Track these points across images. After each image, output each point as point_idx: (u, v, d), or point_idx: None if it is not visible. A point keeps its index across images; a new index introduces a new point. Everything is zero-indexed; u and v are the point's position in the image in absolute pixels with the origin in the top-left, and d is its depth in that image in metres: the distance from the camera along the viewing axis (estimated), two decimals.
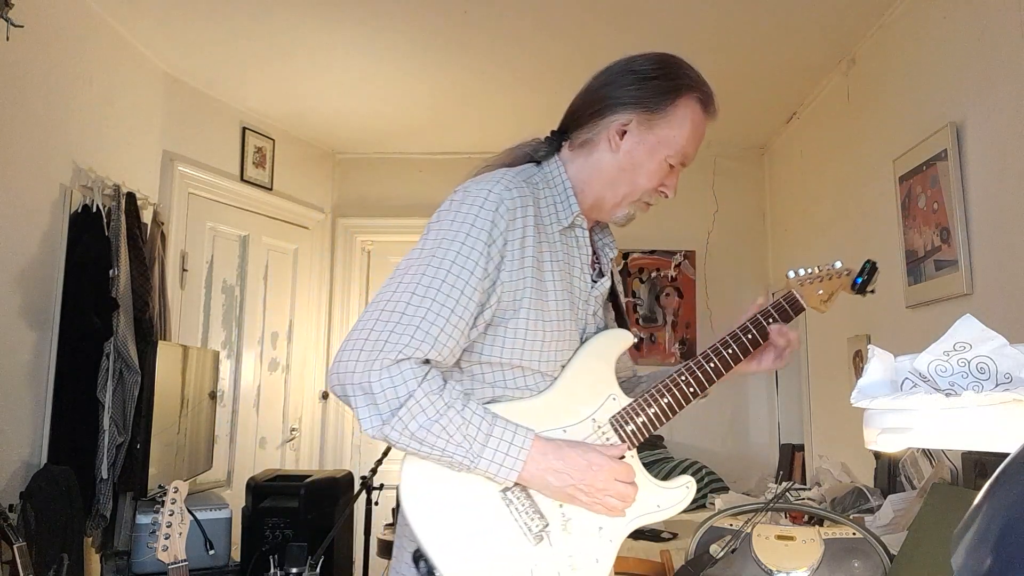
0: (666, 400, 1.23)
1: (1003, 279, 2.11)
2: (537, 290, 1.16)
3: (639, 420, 1.21)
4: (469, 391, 1.15)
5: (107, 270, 2.78)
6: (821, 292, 1.35)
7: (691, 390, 1.24)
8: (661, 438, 4.02)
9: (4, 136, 2.44)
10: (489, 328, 1.14)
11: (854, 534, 1.69)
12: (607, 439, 1.20)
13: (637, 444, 1.22)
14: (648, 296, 4.38)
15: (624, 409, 1.22)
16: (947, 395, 0.94)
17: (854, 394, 1.02)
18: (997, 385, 0.94)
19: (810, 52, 3.17)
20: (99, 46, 3.01)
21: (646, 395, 1.23)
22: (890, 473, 2.52)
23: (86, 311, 2.70)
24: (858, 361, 3.05)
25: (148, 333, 2.96)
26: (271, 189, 4.16)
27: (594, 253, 1.32)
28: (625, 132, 1.24)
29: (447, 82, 3.57)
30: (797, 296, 1.35)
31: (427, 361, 1.08)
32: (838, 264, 1.37)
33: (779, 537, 1.71)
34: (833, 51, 3.14)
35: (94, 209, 2.79)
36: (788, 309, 1.34)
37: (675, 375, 1.24)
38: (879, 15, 2.81)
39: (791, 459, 3.80)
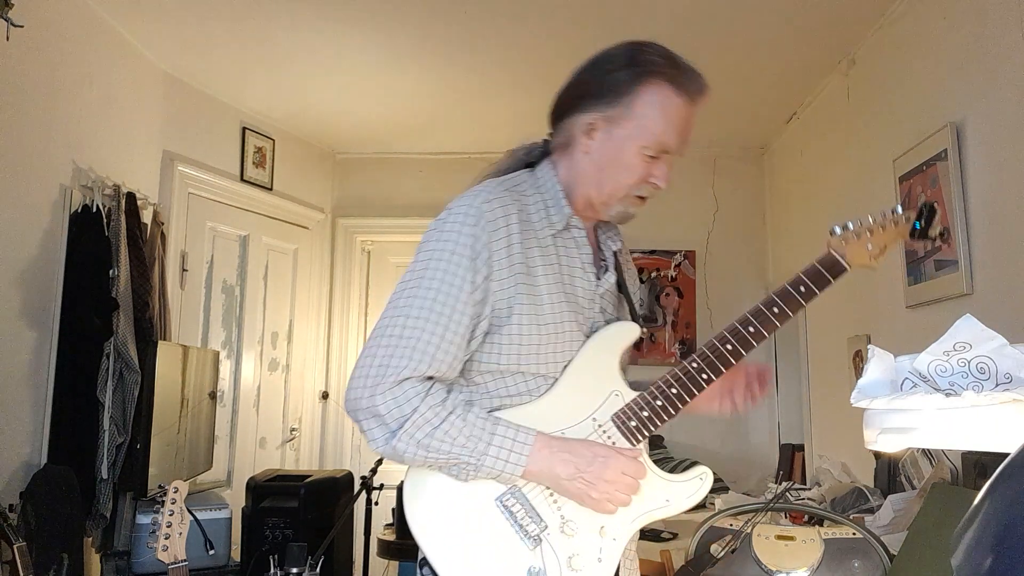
0: (675, 391, 1.18)
1: (1003, 279, 2.11)
2: (529, 295, 1.16)
3: (644, 415, 1.18)
4: (474, 400, 1.18)
5: (107, 270, 2.78)
6: (871, 247, 1.22)
7: (704, 376, 1.18)
8: (661, 438, 4.02)
9: (4, 136, 2.44)
10: (487, 337, 1.17)
11: (854, 534, 1.69)
12: (609, 437, 1.18)
13: (642, 439, 1.19)
14: (648, 296, 4.38)
15: (628, 404, 1.19)
16: (947, 395, 0.94)
17: (854, 394, 1.02)
18: (997, 385, 0.94)
19: (810, 52, 3.17)
20: (99, 46, 3.01)
21: (652, 388, 1.19)
22: (890, 473, 2.52)
23: (86, 311, 2.70)
24: (858, 361, 3.05)
25: (148, 333, 2.95)
26: (271, 189, 4.16)
27: (600, 250, 1.32)
28: (593, 130, 1.22)
29: (447, 82, 3.57)
30: (837, 256, 1.21)
31: (431, 378, 1.13)
32: (898, 209, 1.23)
33: (779, 537, 1.71)
34: (833, 51, 3.14)
35: (94, 209, 2.79)
36: (825, 273, 1.21)
37: (686, 363, 1.19)
38: (879, 15, 2.81)
39: (791, 459, 3.80)
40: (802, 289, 1.21)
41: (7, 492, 2.39)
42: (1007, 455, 0.56)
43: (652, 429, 1.19)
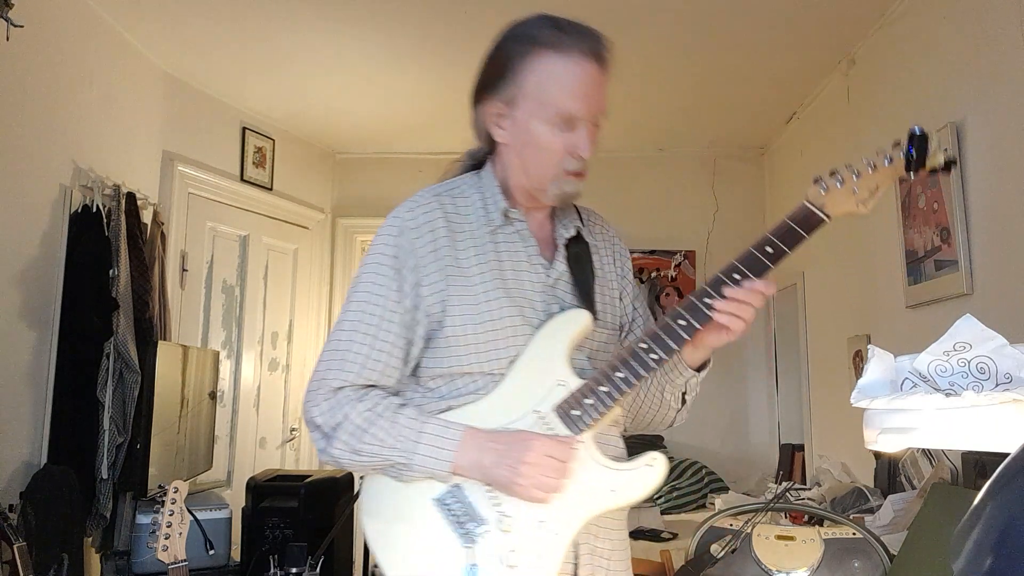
0: (621, 374, 1.11)
1: (1003, 279, 2.11)
2: (461, 296, 1.16)
3: (587, 402, 1.12)
4: (415, 403, 1.19)
5: (107, 270, 2.78)
6: (859, 191, 1.10)
7: (653, 356, 1.11)
8: (661, 438, 4.02)
9: (4, 136, 2.44)
10: (430, 342, 1.18)
11: (854, 534, 1.69)
12: (551, 428, 1.13)
13: (585, 428, 1.13)
14: (648, 296, 4.38)
15: (572, 393, 1.13)
16: (947, 395, 0.94)
17: (854, 394, 1.02)
18: (997, 385, 0.94)
19: (810, 52, 3.17)
20: (99, 46, 3.01)
21: (597, 373, 1.13)
22: (890, 473, 2.52)
23: (86, 311, 2.70)
24: (858, 361, 3.05)
25: (148, 333, 2.96)
26: (271, 189, 4.16)
27: (555, 241, 1.27)
28: (500, 118, 1.21)
29: (447, 82, 3.57)
30: (811, 208, 1.11)
31: (372, 386, 1.17)
32: (890, 147, 1.10)
33: (779, 537, 1.71)
34: (833, 51, 3.14)
35: (94, 209, 2.79)
36: (796, 228, 1.10)
37: (634, 344, 1.13)
38: (879, 15, 2.81)
39: (791, 459, 3.80)
40: (768, 250, 1.11)
41: (7, 492, 2.39)
42: (1007, 455, 0.56)
43: (597, 416, 1.12)
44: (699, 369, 1.25)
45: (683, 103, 3.75)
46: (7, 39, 2.30)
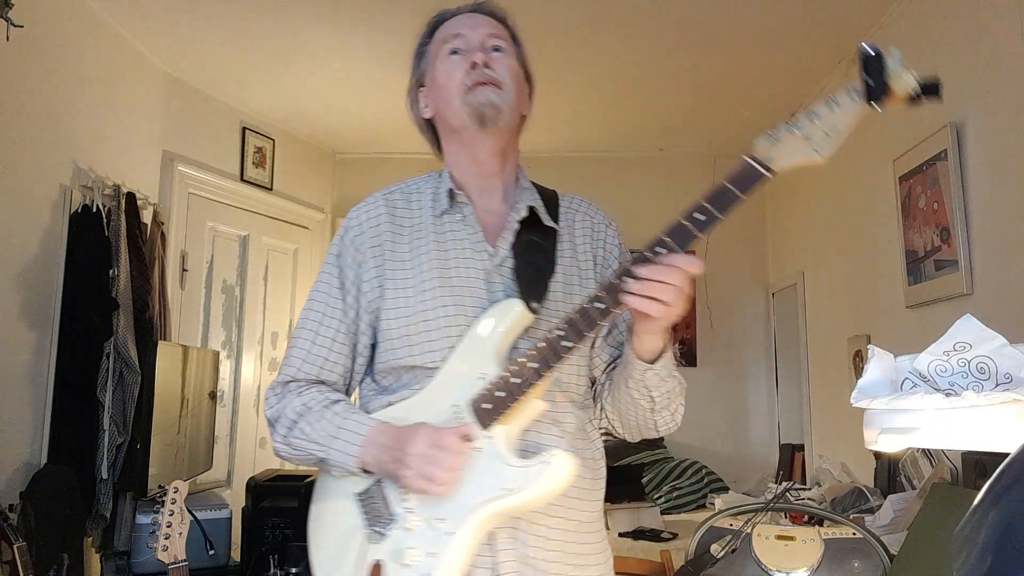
0: (534, 365, 1.04)
1: (1003, 279, 2.11)
2: (397, 289, 1.17)
3: (499, 395, 1.05)
4: (371, 400, 1.20)
5: (107, 270, 2.78)
6: (812, 136, 0.97)
7: (566, 344, 1.02)
8: (661, 437, 4.02)
9: (4, 136, 2.44)
10: (377, 336, 1.19)
11: (854, 534, 1.69)
12: (464, 423, 1.09)
13: (493, 422, 1.06)
14: None
15: (486, 386, 1.07)
16: (947, 395, 0.94)
17: (854, 394, 1.02)
18: (997, 385, 0.94)
19: (810, 52, 3.17)
20: (99, 46, 3.01)
21: (512, 364, 1.06)
22: (890, 473, 2.52)
23: (86, 311, 2.70)
24: (858, 361, 3.05)
25: (148, 333, 2.95)
26: (271, 189, 4.16)
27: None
28: (420, 95, 1.26)
29: None
30: (752, 164, 0.97)
31: (320, 382, 1.20)
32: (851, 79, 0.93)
33: (779, 537, 1.71)
34: (833, 51, 3.14)
35: (94, 209, 2.79)
36: (732, 188, 0.97)
37: (550, 331, 1.04)
38: (879, 15, 2.81)
39: (791, 459, 3.80)
40: (698, 217, 0.99)
41: (7, 492, 2.39)
42: (1007, 455, 0.56)
43: (507, 408, 1.05)
44: (654, 361, 1.11)
45: (683, 103, 3.75)
46: (7, 39, 2.30)
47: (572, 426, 1.17)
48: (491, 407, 1.06)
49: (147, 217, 3.16)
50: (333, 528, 1.16)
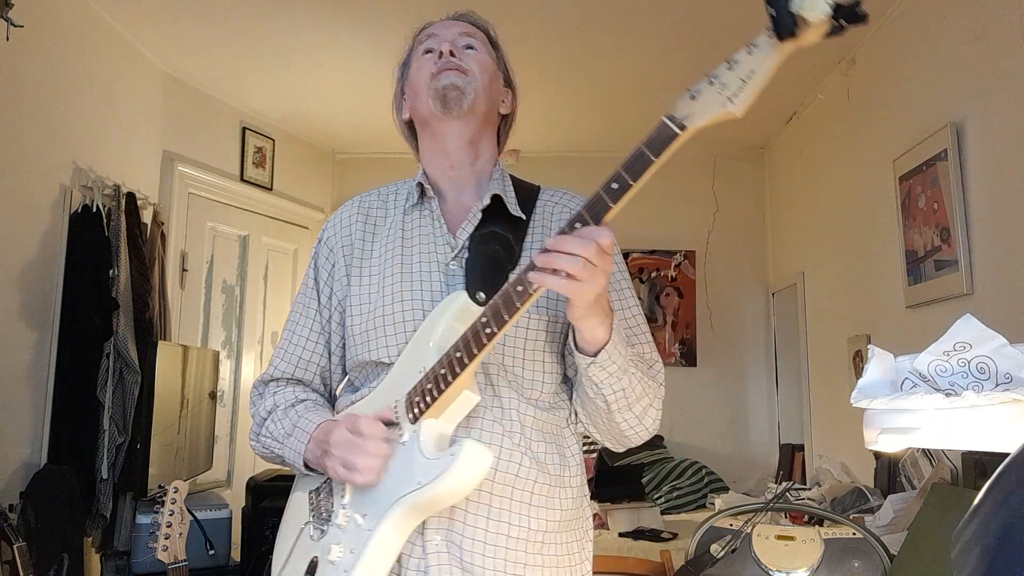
0: (459, 354, 0.99)
1: (1003, 279, 2.11)
2: (360, 285, 1.18)
3: (427, 387, 1.02)
4: (344, 398, 1.22)
5: (107, 270, 2.78)
6: (727, 85, 0.89)
7: (488, 331, 0.97)
8: (661, 438, 4.02)
9: (4, 136, 2.44)
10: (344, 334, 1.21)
11: (854, 534, 1.69)
12: (398, 417, 1.07)
13: (422, 415, 1.03)
14: (648, 296, 4.38)
15: (420, 379, 1.04)
16: (947, 395, 0.94)
17: (854, 394, 1.02)
18: (997, 385, 0.94)
19: (810, 52, 3.15)
20: (99, 46, 3.01)
21: (441, 356, 1.02)
22: (890, 473, 2.52)
23: (86, 311, 2.71)
24: (858, 361, 3.05)
25: (148, 333, 2.96)
26: (271, 189, 4.16)
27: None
28: (404, 99, 1.28)
29: None
30: (666, 123, 0.90)
31: (298, 381, 1.24)
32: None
33: (779, 537, 1.71)
34: (833, 51, 3.14)
35: (94, 209, 2.79)
36: (646, 151, 0.90)
37: (479, 316, 0.99)
38: (879, 15, 2.81)
39: (791, 459, 3.80)
40: (614, 186, 0.91)
41: (7, 492, 2.39)
42: (1007, 455, 0.56)
43: (433, 400, 1.02)
44: (597, 354, 1.02)
45: None
46: (7, 39, 2.30)
47: (529, 427, 1.10)
48: (419, 399, 1.03)
49: (147, 217, 3.16)
50: (289, 525, 1.19)
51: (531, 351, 1.12)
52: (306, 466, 1.13)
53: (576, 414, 1.17)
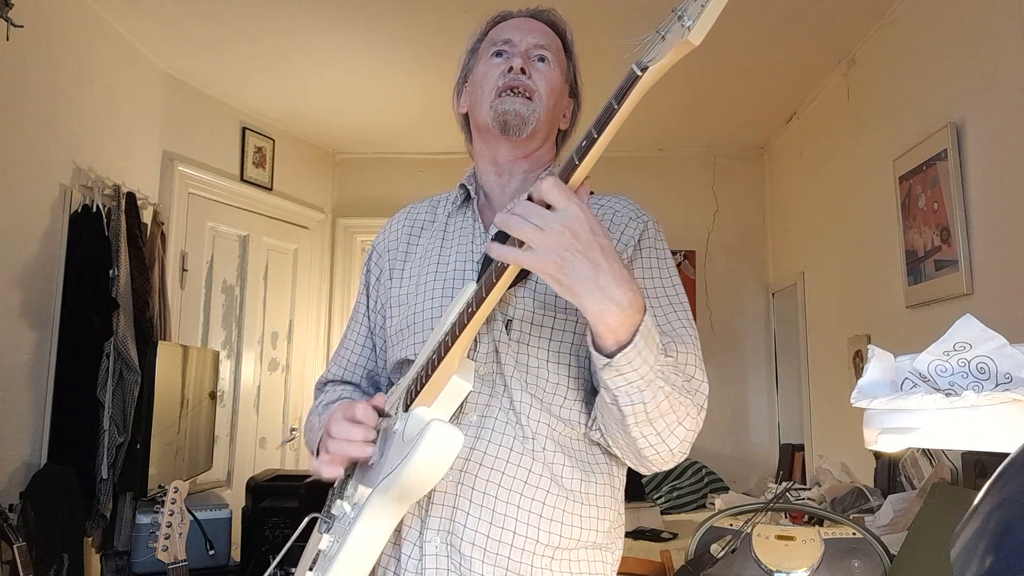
0: (446, 337, 0.98)
1: (1003, 279, 2.11)
2: (400, 287, 1.21)
3: (420, 373, 1.02)
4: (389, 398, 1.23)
5: (107, 270, 2.78)
6: (687, 14, 0.83)
7: (470, 311, 0.94)
8: None
9: (4, 136, 2.44)
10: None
11: (854, 534, 1.69)
12: (397, 411, 1.06)
13: (411, 404, 1.02)
14: None
15: (419, 370, 1.04)
16: (947, 395, 0.94)
17: (854, 394, 1.02)
18: (997, 385, 0.94)
19: (810, 52, 3.17)
20: (99, 46, 3.01)
21: (438, 344, 1.01)
22: (890, 473, 2.52)
23: (86, 311, 2.70)
24: (858, 361, 3.05)
25: (148, 333, 2.96)
26: (271, 189, 4.16)
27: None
28: (464, 94, 1.25)
29: (447, 82, 3.54)
30: (632, 68, 0.84)
31: (347, 382, 1.29)
32: None
33: (779, 537, 1.71)
34: (833, 51, 3.14)
35: (94, 209, 2.79)
36: (612, 102, 0.82)
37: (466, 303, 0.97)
38: (879, 15, 2.81)
39: (791, 459, 3.80)
40: (583, 144, 0.84)
41: (7, 492, 2.39)
42: (1007, 455, 0.56)
43: (420, 386, 1.01)
44: (614, 355, 0.89)
45: (683, 103, 3.75)
46: (7, 39, 2.30)
47: (544, 435, 1.05)
48: (412, 386, 1.03)
49: (147, 217, 3.16)
50: (317, 521, 1.18)
51: (555, 352, 1.06)
52: None
53: (595, 420, 1.06)
